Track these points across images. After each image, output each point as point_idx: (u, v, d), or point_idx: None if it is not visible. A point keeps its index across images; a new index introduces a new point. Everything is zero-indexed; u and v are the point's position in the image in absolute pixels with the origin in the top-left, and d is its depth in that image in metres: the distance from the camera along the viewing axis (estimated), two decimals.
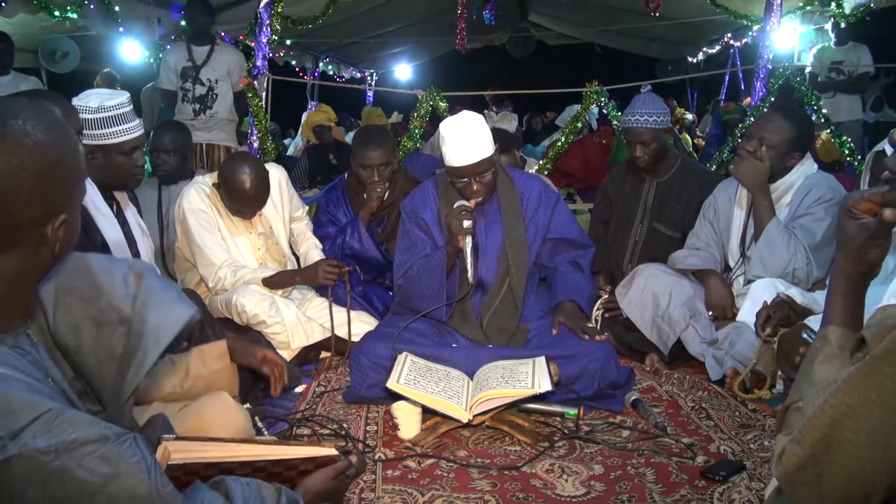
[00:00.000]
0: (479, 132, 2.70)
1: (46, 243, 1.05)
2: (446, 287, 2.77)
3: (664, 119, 3.39)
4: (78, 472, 0.93)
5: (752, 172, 2.86)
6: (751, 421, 2.39)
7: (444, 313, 2.79)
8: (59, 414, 0.94)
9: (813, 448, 0.97)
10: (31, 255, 1.05)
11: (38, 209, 1.02)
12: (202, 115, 5.05)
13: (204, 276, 3.08)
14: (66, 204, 1.06)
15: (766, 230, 2.81)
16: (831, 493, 0.96)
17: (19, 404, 0.93)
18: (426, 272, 2.78)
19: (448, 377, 2.39)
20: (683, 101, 11.24)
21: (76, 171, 1.09)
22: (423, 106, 5.69)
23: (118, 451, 0.96)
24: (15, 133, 1.00)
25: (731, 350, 2.72)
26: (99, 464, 0.94)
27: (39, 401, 0.95)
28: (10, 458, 0.90)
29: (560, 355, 2.52)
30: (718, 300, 2.93)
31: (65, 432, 0.93)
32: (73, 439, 0.93)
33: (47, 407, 0.94)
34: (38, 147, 1.01)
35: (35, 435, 0.91)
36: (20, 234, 1.03)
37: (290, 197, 3.43)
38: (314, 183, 6.33)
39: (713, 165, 5.57)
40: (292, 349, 3.04)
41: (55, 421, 0.93)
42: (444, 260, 2.75)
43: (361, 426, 2.45)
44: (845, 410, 0.94)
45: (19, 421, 0.91)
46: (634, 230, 3.57)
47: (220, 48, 5.20)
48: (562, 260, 2.93)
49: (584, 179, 6.17)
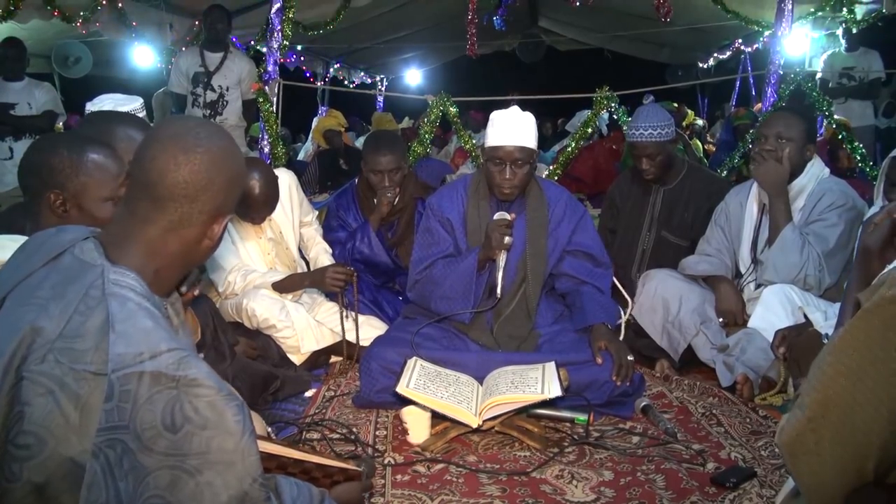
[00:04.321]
0: (526, 123, 2.71)
1: (211, 237, 1.26)
2: (474, 292, 2.75)
3: (668, 130, 3.34)
4: (187, 406, 1.03)
5: (772, 174, 2.84)
6: (762, 427, 2.38)
7: (468, 318, 2.78)
8: (189, 355, 1.07)
9: (812, 410, 0.98)
10: (196, 240, 1.24)
11: (219, 204, 1.23)
12: (212, 122, 5.07)
13: (214, 280, 3.09)
14: (232, 209, 1.28)
15: (782, 234, 2.79)
16: (829, 461, 0.97)
17: (164, 336, 1.08)
18: (454, 274, 2.75)
19: (458, 382, 2.39)
20: (694, 107, 11.20)
21: (239, 180, 1.29)
22: (433, 111, 5.69)
23: (225, 405, 1.06)
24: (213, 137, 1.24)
25: (742, 356, 2.70)
26: (206, 408, 1.05)
27: (178, 340, 1.10)
28: (143, 373, 1.03)
29: (571, 362, 2.51)
30: (729, 306, 2.92)
31: (190, 370, 1.05)
32: (194, 378, 1.05)
33: (181, 346, 1.08)
34: (231, 155, 1.25)
35: (168, 362, 1.05)
36: (199, 218, 1.22)
37: (300, 202, 3.43)
38: (324, 188, 6.34)
39: (724, 171, 5.54)
40: (302, 353, 3.04)
41: (185, 359, 1.06)
42: (476, 265, 2.73)
43: (371, 431, 2.45)
44: (841, 369, 0.95)
45: (161, 346, 1.06)
46: (642, 239, 3.55)
47: (232, 56, 5.23)
48: (574, 267, 2.87)
49: (593, 184, 6.16)
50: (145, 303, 1.12)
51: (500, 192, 2.75)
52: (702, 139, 9.44)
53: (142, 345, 1.05)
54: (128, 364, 1.03)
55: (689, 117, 9.94)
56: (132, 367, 1.03)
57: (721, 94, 10.87)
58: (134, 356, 1.04)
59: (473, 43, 8.51)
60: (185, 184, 1.19)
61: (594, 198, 5.88)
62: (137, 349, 1.04)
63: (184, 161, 1.18)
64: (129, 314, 1.08)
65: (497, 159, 2.71)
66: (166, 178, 1.18)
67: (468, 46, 8.58)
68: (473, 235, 2.82)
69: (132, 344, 1.05)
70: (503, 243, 2.65)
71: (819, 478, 0.99)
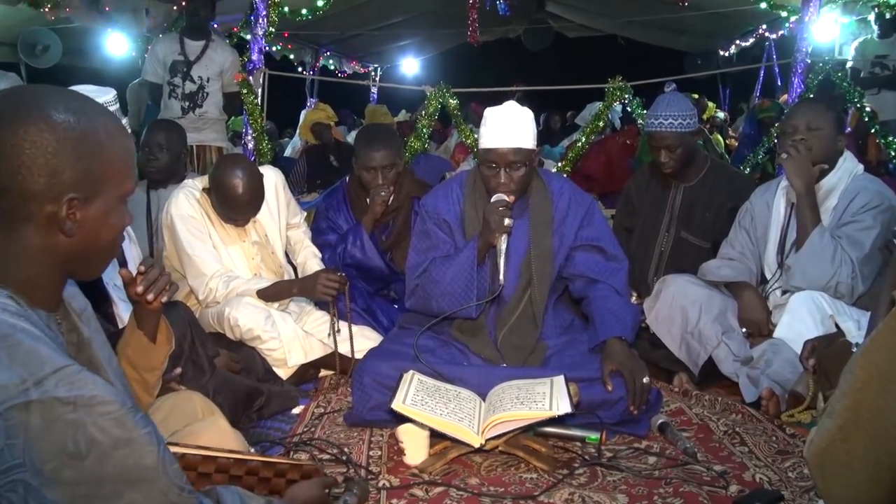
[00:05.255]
0: (522, 121, 2.69)
1: (58, 223, 1.17)
2: (477, 283, 2.72)
3: (691, 121, 3.35)
4: (91, 428, 1.02)
5: (804, 171, 2.83)
6: (789, 447, 2.38)
7: (475, 311, 2.76)
8: (81, 371, 1.04)
9: (843, 417, 0.97)
10: (46, 233, 1.18)
11: (41, 183, 1.14)
12: (191, 114, 5.08)
13: (194, 287, 3.09)
14: (79, 185, 1.17)
15: (810, 238, 2.79)
16: (862, 473, 0.97)
17: (46, 355, 1.04)
18: (453, 268, 2.74)
19: (458, 398, 2.39)
20: (714, 99, 11.22)
21: (96, 154, 1.19)
22: (431, 103, 5.70)
23: (132, 419, 1.05)
24: (26, 108, 1.14)
25: (767, 369, 2.70)
26: (113, 425, 1.03)
27: (65, 356, 1.06)
28: (30, 403, 1.00)
29: (582, 378, 2.50)
30: (753, 315, 2.92)
31: (86, 387, 1.03)
32: (92, 395, 1.03)
33: (71, 362, 1.04)
34: (45, 122, 1.14)
35: (57, 384, 1.02)
36: (28, 207, 1.15)
37: (287, 202, 3.44)
38: (313, 187, 6.35)
39: (747, 168, 5.55)
40: (289, 367, 3.04)
41: (77, 375, 1.04)
42: (475, 255, 2.72)
43: (364, 451, 2.45)
44: (872, 372, 0.95)
45: (44, 368, 1.02)
46: (660, 239, 3.56)
47: (214, 44, 5.23)
48: (585, 264, 2.84)
49: (605, 183, 6.17)
50: (21, 322, 1.08)
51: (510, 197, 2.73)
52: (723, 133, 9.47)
53: (23, 371, 1.01)
54: (10, 396, 1.00)
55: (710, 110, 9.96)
56: (16, 399, 1.00)
57: (744, 85, 10.90)
58: (16, 385, 1.00)
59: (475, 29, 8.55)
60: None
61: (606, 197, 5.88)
62: (19, 377, 1.01)
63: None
64: (3, 337, 1.04)
65: (491, 162, 2.70)
66: None
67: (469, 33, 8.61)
68: (473, 237, 2.80)
69: (12, 371, 1.01)
70: (503, 225, 2.63)
71: (851, 492, 0.98)
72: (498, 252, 2.67)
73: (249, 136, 5.77)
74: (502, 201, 2.67)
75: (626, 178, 4.24)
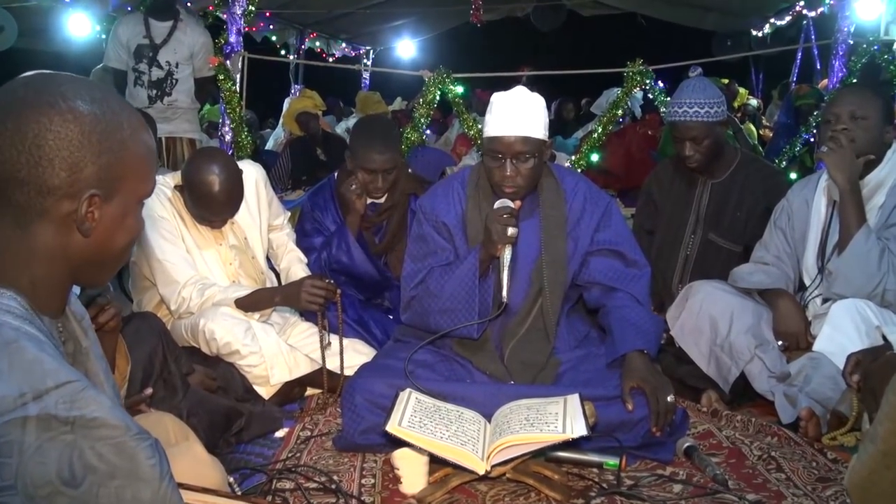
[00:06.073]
0: (533, 108, 2.68)
1: (76, 221, 1.19)
2: (479, 298, 2.73)
3: (719, 109, 3.35)
4: (89, 453, 1.02)
5: (847, 165, 2.82)
6: (830, 473, 2.38)
7: (477, 331, 2.76)
8: (86, 388, 1.05)
9: (886, 443, 0.97)
10: (60, 232, 1.20)
11: (61, 177, 1.16)
12: (159, 103, 5.08)
13: (165, 296, 3.09)
14: (100, 182, 1.20)
15: (854, 240, 2.78)
16: None
17: (51, 367, 1.05)
18: (453, 281, 2.74)
19: (461, 419, 2.39)
20: (746, 84, 11.24)
21: (120, 150, 1.22)
22: (430, 90, 5.71)
23: (136, 447, 1.05)
24: (50, 96, 1.16)
25: (807, 387, 2.70)
26: (113, 452, 1.03)
27: (70, 371, 1.07)
28: (27, 419, 1.01)
29: (599, 397, 2.50)
30: (790, 326, 2.92)
31: (88, 408, 1.04)
32: (94, 417, 1.03)
33: (76, 377, 1.05)
34: (71, 112, 1.17)
35: (58, 401, 1.02)
36: (44, 203, 1.17)
37: (269, 201, 3.44)
38: (298, 183, 6.37)
39: (783, 162, 5.56)
40: (272, 385, 3.05)
41: (81, 393, 1.04)
42: (477, 267, 2.72)
43: (355, 479, 2.45)
44: None
45: (46, 382, 1.03)
46: (685, 242, 3.56)
47: (184, 25, 5.23)
48: (601, 270, 2.85)
49: (625, 178, 6.20)
50: (26, 326, 1.10)
51: (503, 192, 2.73)
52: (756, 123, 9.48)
53: (23, 383, 1.03)
54: (7, 409, 1.01)
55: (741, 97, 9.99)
56: (13, 413, 1.01)
57: (779, 69, 10.92)
58: (14, 399, 1.02)
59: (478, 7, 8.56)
60: (12, 160, 1.15)
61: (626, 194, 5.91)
62: (18, 389, 1.02)
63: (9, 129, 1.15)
64: (6, 343, 1.06)
65: (496, 153, 2.69)
66: None
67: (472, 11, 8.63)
68: (475, 243, 2.80)
69: (12, 383, 1.02)
70: (506, 236, 2.62)
71: None
72: (501, 264, 2.66)
73: (227, 128, 5.77)
74: (506, 208, 2.66)
75: (646, 174, 4.23)
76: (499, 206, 2.69)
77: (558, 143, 8.23)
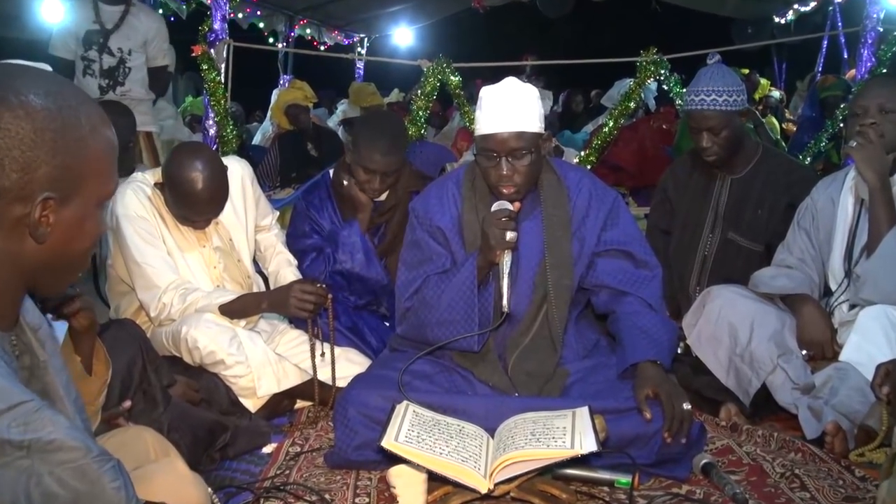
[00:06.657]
0: (524, 100, 2.67)
1: (28, 226, 1.17)
2: (478, 308, 2.73)
3: (738, 98, 3.36)
4: (47, 479, 1.01)
5: (877, 161, 2.82)
6: (858, 492, 2.38)
7: (477, 343, 2.76)
8: (41, 409, 1.03)
9: None
10: (11, 238, 1.18)
11: (12, 179, 1.15)
12: (111, 94, 5.06)
13: (144, 301, 3.09)
14: (55, 184, 1.18)
15: (884, 242, 2.78)
16: None
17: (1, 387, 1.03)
18: (450, 290, 2.74)
19: (462, 434, 2.39)
20: (768, 75, 11.24)
21: (77, 149, 1.20)
22: (429, 81, 5.73)
23: (98, 470, 1.04)
24: (1, 90, 1.15)
25: (832, 399, 2.70)
26: (73, 477, 1.02)
27: (22, 390, 1.04)
28: None
29: (610, 410, 2.49)
30: (815, 334, 2.92)
31: (44, 429, 1.02)
32: (51, 440, 1.02)
33: (30, 398, 1.03)
34: (23, 108, 1.15)
35: (10, 424, 1.01)
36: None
37: (256, 200, 3.44)
38: (287, 181, 6.37)
39: (807, 157, 5.57)
40: (259, 397, 3.04)
41: (35, 414, 1.02)
42: (475, 274, 2.72)
43: (349, 497, 2.45)
44: None
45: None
46: (703, 242, 3.56)
47: (136, 10, 5.19)
48: (610, 273, 2.83)
49: (638, 175, 6.19)
50: None
51: (500, 193, 2.73)
52: (779, 116, 9.48)
53: None
54: None
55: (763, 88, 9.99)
56: None
57: (803, 58, 10.92)
58: None
59: None
60: None
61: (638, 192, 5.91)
62: None
63: None
64: None
65: (490, 151, 2.68)
66: None
67: None
68: (473, 247, 2.79)
69: None
70: (505, 241, 2.62)
71: None
72: (501, 271, 2.67)
73: (211, 121, 5.78)
74: (504, 210, 2.66)
75: (660, 171, 4.24)
76: (496, 208, 2.69)
77: (566, 138, 8.24)
